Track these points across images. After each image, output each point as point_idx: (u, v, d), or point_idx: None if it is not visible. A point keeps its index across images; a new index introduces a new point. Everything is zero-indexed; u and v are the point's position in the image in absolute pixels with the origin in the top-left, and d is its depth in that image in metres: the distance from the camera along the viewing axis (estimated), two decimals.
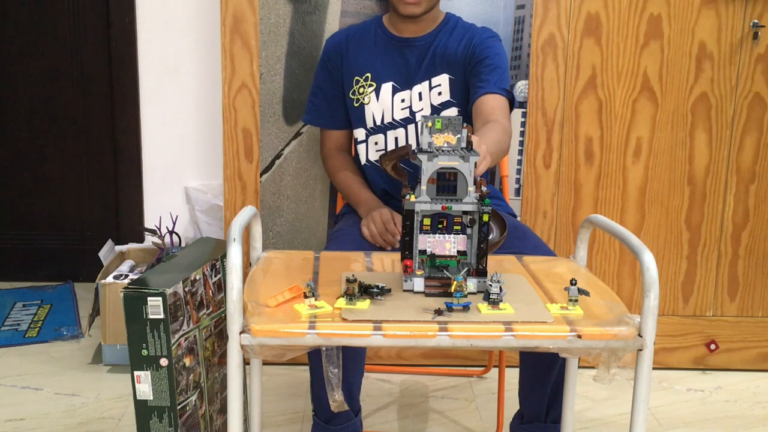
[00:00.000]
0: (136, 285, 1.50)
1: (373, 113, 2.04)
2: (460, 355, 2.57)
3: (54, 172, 3.20)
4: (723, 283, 2.56)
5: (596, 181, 2.48)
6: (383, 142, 2.05)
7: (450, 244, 1.37)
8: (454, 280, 1.30)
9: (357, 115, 2.07)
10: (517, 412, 1.89)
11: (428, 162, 1.32)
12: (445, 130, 1.36)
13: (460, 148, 1.37)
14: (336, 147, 2.15)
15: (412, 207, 1.34)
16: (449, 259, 1.37)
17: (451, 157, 1.33)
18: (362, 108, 2.05)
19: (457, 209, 1.35)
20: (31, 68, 3.12)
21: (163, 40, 2.92)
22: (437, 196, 1.35)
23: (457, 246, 1.37)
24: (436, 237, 1.37)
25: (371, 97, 2.03)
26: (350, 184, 2.07)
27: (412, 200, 1.34)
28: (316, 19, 2.38)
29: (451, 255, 1.37)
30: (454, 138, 1.36)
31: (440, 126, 1.36)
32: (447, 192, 1.35)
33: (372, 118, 2.04)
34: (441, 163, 1.33)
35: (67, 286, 3.20)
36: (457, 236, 1.37)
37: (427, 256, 1.37)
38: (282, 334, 1.23)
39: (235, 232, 1.29)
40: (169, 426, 1.55)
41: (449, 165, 1.33)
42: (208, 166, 2.93)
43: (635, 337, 1.26)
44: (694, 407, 2.40)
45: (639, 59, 2.40)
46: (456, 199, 1.35)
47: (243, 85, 2.39)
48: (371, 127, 2.05)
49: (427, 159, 1.32)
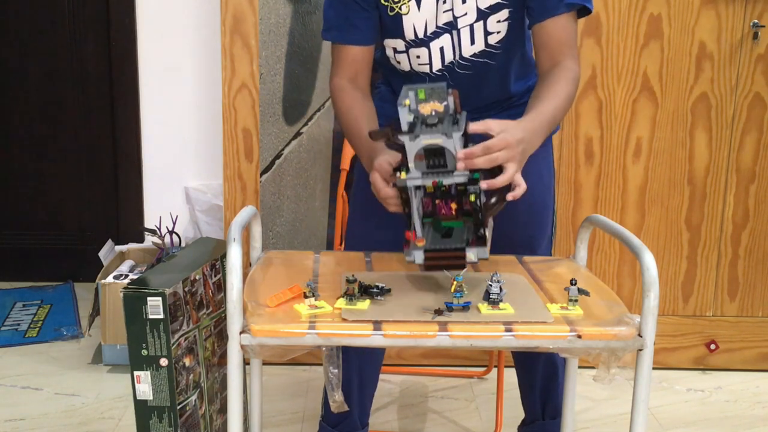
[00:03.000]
0: (136, 285, 1.50)
1: (414, 25, 1.65)
2: (460, 355, 2.57)
3: (54, 172, 3.20)
4: (723, 283, 2.56)
5: (596, 181, 2.48)
6: (427, 56, 1.67)
7: (455, 203, 1.32)
8: (454, 280, 1.30)
9: (392, 26, 1.67)
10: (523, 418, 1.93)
11: (410, 142, 1.28)
12: (429, 99, 1.29)
13: (448, 114, 1.29)
14: (352, 75, 1.70)
15: (403, 184, 1.31)
16: (455, 220, 1.32)
17: (433, 135, 1.28)
18: (398, 18, 1.65)
19: (448, 183, 1.30)
20: (31, 68, 3.12)
21: (163, 40, 2.92)
22: (428, 170, 1.30)
23: (465, 206, 1.32)
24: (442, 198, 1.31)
25: (410, 6, 1.63)
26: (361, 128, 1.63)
27: (403, 178, 1.30)
28: (316, 19, 2.38)
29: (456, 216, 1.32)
30: (441, 105, 1.29)
31: (424, 96, 1.29)
32: (438, 165, 1.30)
33: (413, 30, 1.65)
34: (424, 141, 1.28)
35: (67, 286, 3.20)
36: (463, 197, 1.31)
37: (432, 220, 1.32)
38: (282, 334, 1.23)
39: (235, 232, 1.29)
40: (169, 426, 1.55)
41: (432, 143, 1.28)
42: (208, 166, 2.93)
43: (635, 337, 1.26)
44: (694, 407, 2.40)
45: (639, 59, 2.40)
46: (447, 172, 1.30)
47: (243, 85, 2.39)
48: (411, 39, 1.67)
49: (409, 139, 1.28)
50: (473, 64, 1.64)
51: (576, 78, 1.59)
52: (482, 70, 1.65)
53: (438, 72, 1.66)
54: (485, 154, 1.30)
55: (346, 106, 1.67)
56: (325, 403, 1.82)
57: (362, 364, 1.78)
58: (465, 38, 1.62)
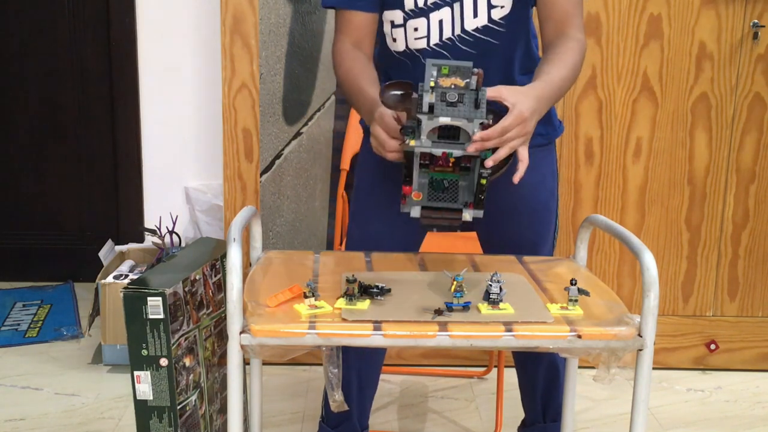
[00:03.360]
0: (136, 285, 1.50)
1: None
2: (460, 355, 2.57)
3: (54, 172, 3.20)
4: (723, 283, 2.56)
5: (596, 181, 2.48)
6: (425, 27, 1.61)
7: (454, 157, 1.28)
8: (454, 280, 1.30)
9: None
10: (522, 419, 1.92)
11: (428, 121, 1.25)
12: (452, 75, 1.27)
13: (469, 90, 1.26)
14: (355, 41, 1.64)
15: (411, 150, 1.27)
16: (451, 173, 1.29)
17: (454, 118, 1.24)
18: None
19: (458, 155, 1.27)
20: (31, 68, 3.12)
21: (163, 40, 2.92)
22: (438, 140, 1.27)
23: (462, 161, 1.29)
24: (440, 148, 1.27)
25: None
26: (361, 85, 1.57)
27: (412, 144, 1.27)
28: (316, 19, 2.38)
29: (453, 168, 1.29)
30: (463, 81, 1.27)
31: (447, 72, 1.27)
32: (448, 137, 1.27)
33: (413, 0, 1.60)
34: (443, 122, 1.25)
35: (67, 286, 3.20)
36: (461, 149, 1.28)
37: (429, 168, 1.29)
38: (282, 334, 1.23)
39: (235, 232, 1.29)
40: (169, 426, 1.55)
41: (451, 125, 1.25)
42: (208, 166, 2.93)
43: (635, 337, 1.26)
44: (694, 407, 2.39)
45: (639, 59, 2.40)
46: (459, 144, 1.27)
47: (243, 85, 2.39)
48: (411, 9, 1.60)
49: (428, 118, 1.25)
50: (476, 41, 1.59)
51: (582, 48, 1.57)
52: (485, 49, 1.59)
53: (435, 46, 1.60)
54: (500, 137, 1.29)
55: (347, 66, 1.61)
56: (326, 404, 1.82)
57: (362, 367, 1.78)
58: (468, 10, 1.57)
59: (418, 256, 1.61)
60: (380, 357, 1.84)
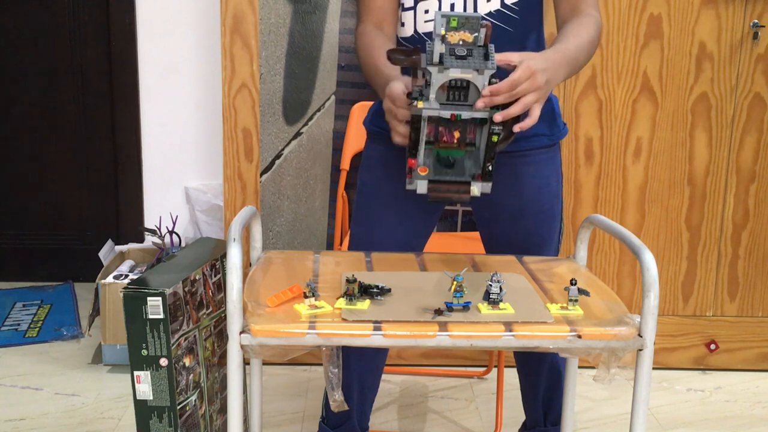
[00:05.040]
0: (136, 285, 1.50)
1: None
2: (460, 355, 2.57)
3: (54, 172, 3.20)
4: (723, 283, 2.56)
5: (596, 181, 2.48)
6: (436, 9, 1.60)
7: (459, 132, 1.28)
8: (454, 280, 1.29)
9: None
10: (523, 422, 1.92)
11: (438, 74, 1.24)
12: (461, 28, 1.25)
13: (477, 46, 1.25)
14: (377, 22, 1.63)
15: (419, 113, 1.26)
16: (456, 149, 1.28)
17: (464, 69, 1.23)
18: None
19: (467, 117, 1.26)
20: (31, 68, 3.12)
21: (163, 40, 2.92)
22: (447, 102, 1.26)
23: (468, 136, 1.28)
24: (445, 125, 1.27)
25: None
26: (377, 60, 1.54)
27: (420, 107, 1.25)
28: (316, 19, 2.38)
29: (458, 145, 1.28)
30: (471, 36, 1.25)
31: (456, 24, 1.24)
32: (457, 99, 1.25)
33: None
34: (453, 74, 1.23)
35: (67, 286, 3.20)
36: (467, 125, 1.27)
37: (434, 146, 1.28)
38: (282, 334, 1.23)
39: (235, 232, 1.29)
40: (169, 426, 1.55)
41: (462, 77, 1.24)
42: (208, 166, 2.93)
43: (635, 337, 1.26)
44: (694, 407, 2.40)
45: (639, 59, 2.40)
46: (467, 105, 1.26)
47: (243, 85, 2.39)
48: None
49: (438, 71, 1.23)
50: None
51: (598, 24, 1.54)
52: (497, 35, 1.54)
53: None
54: (510, 91, 1.27)
55: (366, 44, 1.59)
56: (326, 404, 1.82)
57: (363, 371, 1.77)
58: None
59: (418, 256, 1.61)
60: (381, 360, 1.83)
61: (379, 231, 1.70)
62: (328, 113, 2.46)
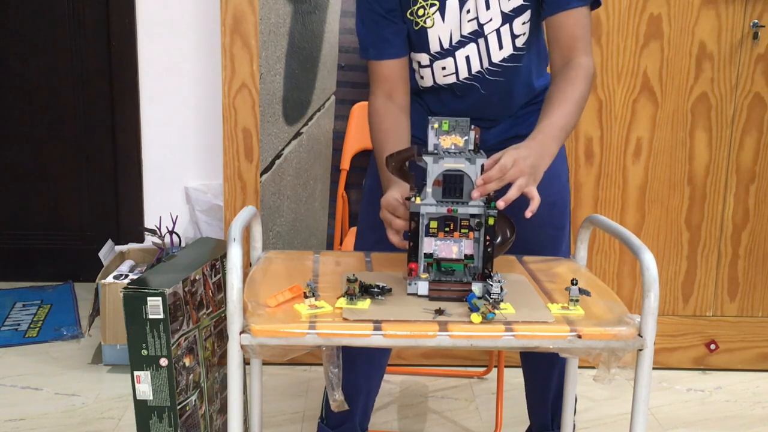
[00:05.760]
0: (136, 285, 1.50)
1: (439, 36, 1.65)
2: (460, 355, 2.57)
3: (54, 172, 3.20)
4: (723, 283, 2.56)
5: (596, 181, 2.48)
6: (453, 65, 1.67)
7: (457, 247, 1.35)
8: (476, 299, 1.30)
9: (417, 40, 1.68)
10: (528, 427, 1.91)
11: (434, 164, 1.32)
12: (452, 131, 1.35)
13: (468, 150, 1.36)
14: (388, 92, 1.69)
15: (417, 210, 1.33)
16: (456, 263, 1.36)
17: (456, 159, 1.32)
18: (423, 32, 1.66)
19: (463, 212, 1.34)
20: (31, 68, 3.12)
21: (163, 40, 2.92)
22: (443, 199, 1.34)
23: (464, 250, 1.36)
24: (443, 241, 1.35)
25: (434, 18, 1.64)
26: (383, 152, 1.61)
27: (418, 203, 1.33)
28: (316, 19, 2.38)
29: (457, 258, 1.36)
30: (461, 140, 1.36)
31: (447, 128, 1.35)
32: (453, 194, 1.34)
33: (438, 42, 1.66)
34: (447, 165, 1.32)
35: (67, 286, 3.20)
36: (464, 240, 1.35)
37: (434, 260, 1.36)
38: (282, 334, 1.23)
39: (235, 232, 1.29)
40: (169, 426, 1.55)
41: (455, 167, 1.32)
42: (208, 166, 2.93)
43: (635, 337, 1.26)
44: (694, 407, 2.40)
45: (639, 59, 2.40)
46: (462, 202, 1.34)
47: (243, 85, 2.39)
48: (436, 51, 1.67)
49: (433, 161, 1.32)
50: (504, 69, 1.66)
51: (588, 75, 1.60)
52: (511, 73, 1.67)
53: (465, 80, 1.66)
54: (501, 176, 1.33)
55: (376, 127, 1.68)
56: (326, 404, 1.82)
57: (370, 372, 1.78)
58: (493, 43, 1.63)
59: None
60: (386, 359, 1.84)
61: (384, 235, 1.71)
62: (328, 113, 2.46)
